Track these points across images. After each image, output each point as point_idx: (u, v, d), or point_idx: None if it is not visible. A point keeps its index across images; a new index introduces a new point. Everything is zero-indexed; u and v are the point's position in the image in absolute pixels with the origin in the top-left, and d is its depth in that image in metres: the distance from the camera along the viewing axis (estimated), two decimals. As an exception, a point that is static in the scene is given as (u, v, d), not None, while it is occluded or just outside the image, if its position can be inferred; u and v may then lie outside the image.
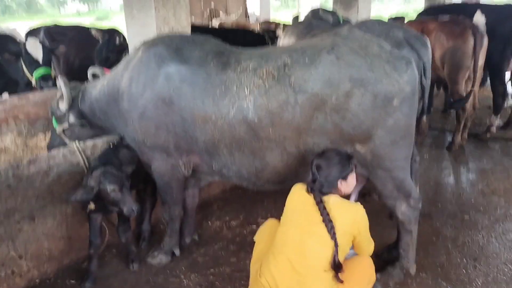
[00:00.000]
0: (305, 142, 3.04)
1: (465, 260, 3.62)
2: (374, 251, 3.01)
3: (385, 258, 3.58)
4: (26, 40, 5.44)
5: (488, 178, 5.27)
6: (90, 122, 3.79)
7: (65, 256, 3.69)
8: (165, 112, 3.21)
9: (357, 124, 2.92)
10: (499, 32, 5.89)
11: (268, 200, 4.78)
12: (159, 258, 3.73)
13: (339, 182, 2.71)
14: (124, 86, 3.36)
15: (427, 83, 3.70)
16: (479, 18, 6.35)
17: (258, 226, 4.17)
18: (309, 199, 2.69)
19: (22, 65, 5.39)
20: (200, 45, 3.29)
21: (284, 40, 5.66)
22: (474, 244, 3.84)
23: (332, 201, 2.66)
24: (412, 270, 3.38)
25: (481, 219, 4.27)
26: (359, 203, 2.76)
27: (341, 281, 2.59)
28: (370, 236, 2.83)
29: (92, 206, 3.20)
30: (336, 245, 2.55)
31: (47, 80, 5.27)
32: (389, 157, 3.07)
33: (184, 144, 3.29)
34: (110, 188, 3.12)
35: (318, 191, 2.68)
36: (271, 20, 10.74)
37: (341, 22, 6.24)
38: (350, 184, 2.78)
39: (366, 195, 4.66)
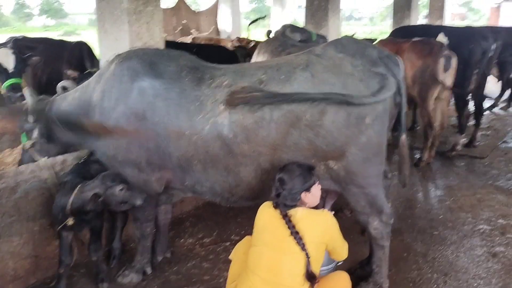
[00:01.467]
0: (280, 158, 3.05)
1: (435, 275, 3.68)
2: (346, 268, 3.04)
3: (358, 274, 3.60)
4: None
5: (455, 194, 5.40)
6: (57, 136, 3.69)
7: (31, 276, 3.54)
8: (137, 127, 3.17)
9: (330, 141, 2.96)
10: (460, 54, 6.12)
11: (241, 216, 4.75)
12: (130, 277, 3.63)
13: (303, 194, 2.70)
14: (96, 99, 3.30)
15: (403, 101, 3.78)
16: (442, 40, 6.61)
17: (231, 243, 4.16)
18: (277, 215, 2.69)
19: None
20: (174, 59, 3.28)
21: (258, 57, 5.71)
22: (444, 259, 3.92)
23: (300, 214, 2.66)
24: (385, 286, 3.41)
25: (449, 235, 4.36)
26: (326, 210, 2.77)
27: None
28: (342, 238, 2.83)
29: (71, 221, 3.10)
30: (307, 256, 2.54)
31: (17, 90, 5.13)
32: (362, 174, 3.12)
33: (156, 160, 3.24)
34: (119, 188, 3.11)
35: (283, 205, 2.68)
36: (242, 38, 10.82)
37: (314, 39, 6.36)
38: (315, 195, 2.77)
39: (338, 211, 4.69)
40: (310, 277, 2.53)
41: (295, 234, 2.57)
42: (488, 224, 4.57)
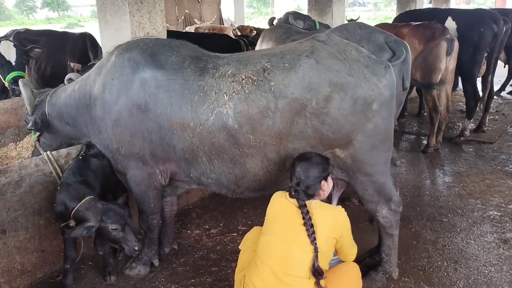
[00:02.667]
0: (286, 148, 3.00)
1: (446, 263, 3.63)
2: (356, 257, 2.99)
3: (367, 263, 3.57)
4: None
5: (464, 180, 5.34)
6: (56, 129, 3.67)
7: (38, 270, 3.54)
8: (140, 119, 3.13)
9: (337, 128, 2.91)
10: (469, 37, 6.03)
11: (248, 207, 4.72)
12: (137, 270, 3.62)
13: (323, 183, 2.67)
14: (97, 92, 3.26)
15: (407, 85, 3.74)
16: (450, 24, 6.50)
17: (239, 234, 4.14)
18: (290, 206, 2.65)
19: None
20: (176, 50, 3.23)
21: (262, 45, 5.64)
22: (454, 247, 3.87)
23: (314, 206, 2.63)
24: (395, 274, 3.37)
25: (459, 222, 4.31)
26: (340, 207, 2.73)
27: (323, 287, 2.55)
28: (352, 240, 2.81)
29: (72, 223, 3.07)
30: (316, 250, 2.50)
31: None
32: (369, 162, 3.06)
33: (160, 152, 3.20)
34: (112, 227, 3.03)
35: (304, 193, 2.64)
36: (245, 26, 10.73)
37: (317, 27, 6.27)
38: (330, 185, 2.77)
39: (346, 200, 4.65)
40: (316, 272, 2.49)
41: (310, 226, 2.53)
42: (498, 210, 4.51)
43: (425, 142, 6.68)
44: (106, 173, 3.45)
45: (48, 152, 3.60)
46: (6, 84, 5.08)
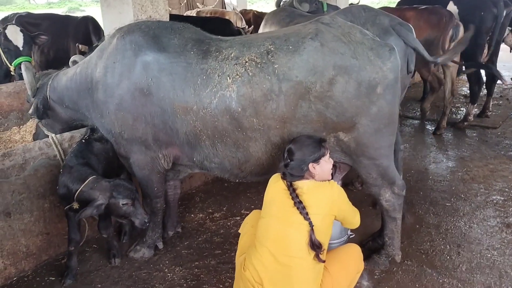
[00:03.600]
0: (289, 131, 2.99)
1: (448, 247, 3.64)
2: (358, 241, 3.01)
3: (370, 247, 3.58)
4: (5, 28, 5.21)
5: (467, 165, 5.33)
6: (58, 112, 3.66)
7: (44, 253, 3.57)
8: (142, 103, 3.11)
9: (340, 112, 2.89)
10: (470, 21, 5.97)
11: (251, 191, 4.74)
12: (141, 252, 3.65)
13: (310, 165, 2.63)
14: (98, 75, 3.24)
15: (411, 68, 3.72)
16: (452, 8, 6.43)
17: (242, 217, 4.16)
18: (283, 187, 2.65)
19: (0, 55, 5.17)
20: (179, 32, 3.20)
21: (265, 28, 5.59)
22: (457, 231, 3.87)
23: (307, 186, 2.61)
24: (398, 257, 3.38)
25: (462, 206, 4.31)
26: (332, 181, 2.70)
27: (322, 261, 2.55)
28: (352, 207, 2.79)
29: (76, 205, 3.08)
30: (310, 224, 2.50)
31: None
32: (373, 145, 3.05)
33: (163, 136, 3.20)
34: (123, 202, 3.06)
35: (290, 175, 2.64)
36: (248, 10, 10.61)
37: (325, 9, 6.21)
38: (324, 168, 2.69)
39: (349, 185, 4.65)
40: (314, 245, 2.48)
41: (298, 204, 2.53)
42: (501, 194, 4.50)
43: (428, 127, 6.66)
44: (109, 157, 3.46)
45: (53, 135, 3.61)
46: (12, 69, 5.05)
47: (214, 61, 3.00)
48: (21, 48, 5.10)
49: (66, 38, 6.47)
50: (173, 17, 6.34)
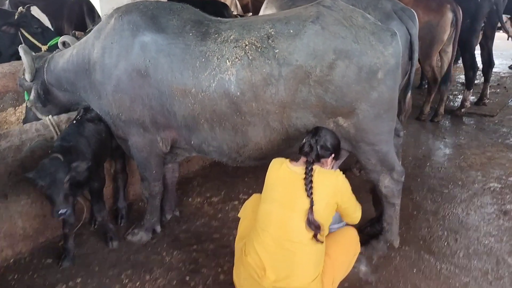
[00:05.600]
0: (289, 116, 2.96)
1: (446, 233, 3.66)
2: (356, 226, 3.01)
3: (368, 232, 3.58)
4: (28, 9, 5.08)
5: (464, 153, 5.33)
6: (55, 95, 3.60)
7: (41, 235, 3.56)
8: (140, 84, 3.07)
9: (340, 96, 2.86)
10: (466, 7, 5.93)
11: (249, 176, 4.72)
12: (139, 236, 3.64)
13: (331, 158, 2.70)
14: (96, 56, 3.20)
15: (415, 56, 3.68)
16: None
17: (240, 202, 4.16)
18: (291, 173, 2.63)
19: (20, 36, 5.04)
20: (177, 13, 3.14)
21: (265, 11, 5.50)
22: (454, 218, 3.89)
23: (318, 170, 2.61)
24: (396, 243, 3.39)
25: (459, 193, 4.32)
26: (338, 170, 2.71)
27: (321, 242, 2.55)
28: (356, 201, 2.80)
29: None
30: (311, 203, 2.49)
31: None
32: (373, 131, 3.03)
33: (161, 119, 3.16)
34: (40, 183, 2.88)
35: (316, 156, 2.63)
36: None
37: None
38: (332, 165, 2.78)
39: (347, 171, 4.64)
40: (311, 223, 2.48)
41: (309, 183, 2.52)
42: (498, 182, 4.51)
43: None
44: (101, 138, 3.39)
45: (50, 117, 3.56)
46: (45, 49, 4.90)
47: (213, 44, 2.96)
48: (51, 28, 4.99)
49: (60, 19, 6.36)
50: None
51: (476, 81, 7.01)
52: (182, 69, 2.99)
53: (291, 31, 2.85)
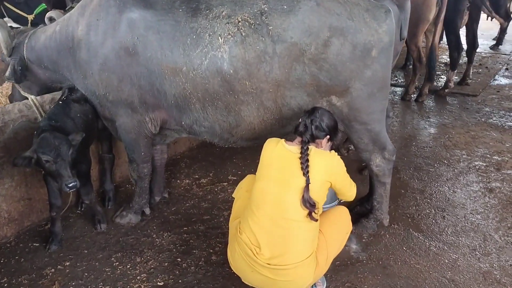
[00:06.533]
0: (283, 95, 2.92)
1: (434, 211, 3.71)
2: (347, 205, 3.01)
3: (358, 211, 3.61)
4: None
5: (449, 132, 5.39)
6: (35, 73, 3.47)
7: (26, 218, 3.47)
8: (128, 63, 2.98)
9: (334, 75, 2.83)
10: None
11: (237, 157, 4.68)
12: (128, 218, 3.58)
13: (325, 139, 2.66)
14: (81, 33, 3.08)
15: (404, 35, 3.66)
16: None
17: (229, 183, 4.13)
18: (287, 152, 2.59)
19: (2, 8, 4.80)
20: (167, -12, 3.03)
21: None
22: (441, 196, 3.94)
23: (314, 150, 2.59)
24: (386, 221, 3.43)
25: (445, 172, 4.38)
26: (333, 151, 2.70)
27: (316, 220, 2.55)
28: (350, 180, 2.78)
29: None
30: (307, 181, 2.47)
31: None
32: (366, 110, 3.02)
33: (150, 99, 3.08)
34: (44, 158, 2.81)
35: (311, 136, 2.59)
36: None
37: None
38: (326, 148, 2.74)
39: (335, 150, 4.63)
40: (306, 202, 2.47)
41: (305, 162, 2.49)
42: (483, 160, 4.59)
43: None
44: (88, 119, 3.30)
45: (33, 97, 3.44)
46: (31, 18, 4.67)
47: (204, 20, 2.88)
48: None
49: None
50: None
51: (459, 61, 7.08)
52: (172, 47, 2.90)
53: (285, 7, 2.80)
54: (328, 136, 2.67)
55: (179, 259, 3.15)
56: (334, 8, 2.76)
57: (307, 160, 2.51)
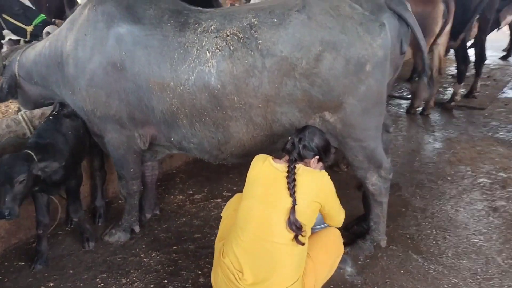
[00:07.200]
0: (273, 111, 2.82)
1: (434, 231, 3.55)
2: (343, 225, 2.88)
3: (354, 231, 3.47)
4: None
5: (454, 147, 5.23)
6: (27, 89, 3.42)
7: (13, 236, 3.39)
8: (116, 78, 2.91)
9: (327, 90, 2.73)
10: None
11: (233, 172, 4.58)
12: (117, 236, 3.48)
13: (314, 159, 2.55)
14: (69, 49, 3.02)
15: (405, 49, 3.52)
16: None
17: (223, 199, 4.02)
18: (274, 170, 2.49)
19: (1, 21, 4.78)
20: (155, 2, 2.98)
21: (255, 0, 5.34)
22: (443, 215, 3.78)
23: (302, 169, 2.48)
24: (383, 242, 3.27)
25: (449, 189, 4.22)
26: (323, 171, 2.58)
27: (302, 244, 2.42)
28: (339, 204, 2.68)
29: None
30: (294, 202, 2.36)
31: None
32: (360, 126, 2.90)
33: (139, 114, 3.00)
34: (20, 178, 2.69)
35: (298, 155, 2.50)
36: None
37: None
38: (317, 167, 2.62)
39: (334, 166, 4.52)
40: (292, 224, 2.35)
41: (292, 181, 2.38)
42: (488, 177, 4.42)
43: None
44: (79, 135, 3.23)
45: (22, 112, 3.40)
46: (30, 30, 4.65)
47: (192, 34, 2.80)
48: (33, 7, 4.75)
49: (39, 10, 6.11)
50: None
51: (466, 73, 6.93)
52: (160, 62, 2.83)
53: (275, 20, 2.71)
54: (317, 157, 2.55)
55: (165, 281, 3.03)
56: (326, 21, 2.66)
57: (294, 180, 2.40)
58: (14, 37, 4.86)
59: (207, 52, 2.74)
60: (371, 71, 2.73)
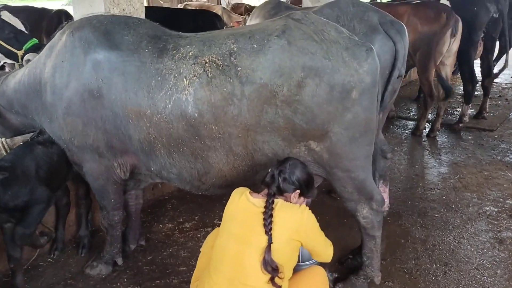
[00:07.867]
0: (254, 140, 2.67)
1: (435, 266, 3.32)
2: (337, 257, 2.69)
3: (349, 264, 3.28)
4: None
5: (460, 171, 5.00)
6: (8, 119, 3.33)
7: (-9, 268, 3.27)
8: (93, 106, 2.80)
9: (310, 118, 2.57)
10: (463, 17, 5.62)
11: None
12: (98, 269, 3.33)
13: (295, 193, 2.39)
14: (47, 76, 2.93)
15: (394, 74, 3.37)
16: (444, 2, 6.10)
17: (213, 228, 3.79)
18: (250, 206, 2.35)
19: None
20: (133, 28, 2.87)
21: (250, 22, 5.26)
22: (445, 247, 3.55)
23: (280, 204, 2.33)
24: (377, 279, 3.05)
25: (452, 218, 3.98)
26: (304, 205, 2.41)
27: (278, 286, 2.24)
28: (325, 238, 2.50)
29: None
30: (269, 240, 2.20)
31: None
32: (348, 156, 2.73)
33: (117, 143, 2.88)
34: None
35: (277, 188, 2.36)
36: (241, 2, 10.28)
37: None
38: (299, 203, 2.46)
39: (332, 192, 4.31)
40: (267, 264, 2.17)
41: (269, 217, 2.23)
42: (495, 205, 4.18)
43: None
44: (53, 162, 3.11)
45: (3, 139, 3.30)
46: (21, 54, 4.63)
47: (170, 61, 2.69)
48: (26, 31, 4.73)
49: (39, 31, 6.15)
50: (158, 9, 5.98)
51: (476, 93, 6.70)
52: (136, 89, 2.72)
53: (255, 46, 2.58)
54: (298, 191, 2.39)
55: (144, 319, 2.87)
56: (308, 46, 2.52)
57: (271, 216, 2.24)
58: (9, 61, 4.85)
59: (185, 79, 2.61)
60: (357, 98, 2.57)
